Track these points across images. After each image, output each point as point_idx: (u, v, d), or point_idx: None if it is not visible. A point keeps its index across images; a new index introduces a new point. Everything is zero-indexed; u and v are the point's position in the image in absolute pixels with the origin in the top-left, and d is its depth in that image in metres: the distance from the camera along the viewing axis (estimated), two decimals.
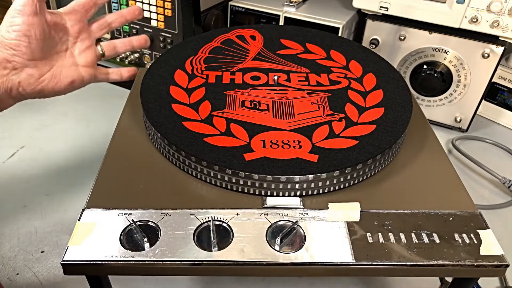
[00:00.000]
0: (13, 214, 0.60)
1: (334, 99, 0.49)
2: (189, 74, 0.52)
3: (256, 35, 0.60)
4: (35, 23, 0.45)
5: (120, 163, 0.44)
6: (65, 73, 0.50)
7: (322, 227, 0.37)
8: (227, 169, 0.39)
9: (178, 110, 0.46)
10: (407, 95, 0.50)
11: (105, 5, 0.81)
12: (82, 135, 0.76)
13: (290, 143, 0.42)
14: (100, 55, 0.54)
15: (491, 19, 0.68)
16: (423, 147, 0.47)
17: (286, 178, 0.39)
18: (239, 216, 0.38)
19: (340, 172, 0.40)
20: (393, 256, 0.35)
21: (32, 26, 0.44)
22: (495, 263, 0.35)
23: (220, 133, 0.43)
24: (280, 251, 0.35)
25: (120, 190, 0.40)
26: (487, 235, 0.37)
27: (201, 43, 0.58)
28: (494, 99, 0.83)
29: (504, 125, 0.84)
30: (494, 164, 0.70)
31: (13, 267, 0.53)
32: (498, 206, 0.65)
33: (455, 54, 0.73)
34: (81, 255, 0.34)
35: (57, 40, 0.49)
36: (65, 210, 0.61)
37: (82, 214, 0.38)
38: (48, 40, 0.47)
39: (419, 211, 0.39)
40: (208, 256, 0.35)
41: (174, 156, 0.42)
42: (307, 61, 0.56)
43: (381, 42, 0.78)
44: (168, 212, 0.38)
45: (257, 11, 0.85)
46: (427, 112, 0.80)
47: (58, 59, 0.49)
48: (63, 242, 0.56)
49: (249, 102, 0.48)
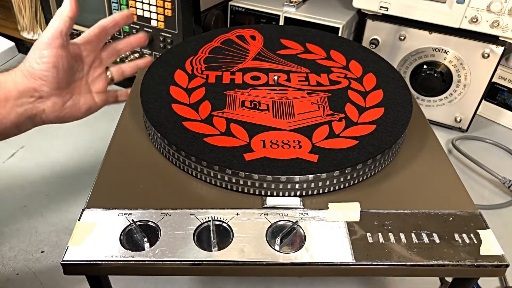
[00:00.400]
0: (13, 214, 0.60)
1: (334, 99, 0.49)
2: (189, 74, 0.52)
3: (256, 35, 0.60)
4: (62, 55, 0.47)
5: (120, 163, 0.44)
6: (83, 101, 0.53)
7: (322, 227, 0.37)
8: (227, 169, 0.39)
9: (178, 110, 0.46)
10: (407, 95, 0.49)
11: (105, 5, 0.81)
12: (82, 135, 0.76)
13: (290, 143, 0.42)
14: (110, 80, 0.56)
15: (491, 19, 0.68)
16: (423, 147, 0.47)
17: (286, 178, 0.39)
18: (239, 216, 0.38)
19: (340, 172, 0.40)
20: (393, 256, 0.35)
21: (60, 58, 0.47)
22: (495, 263, 0.35)
23: (220, 133, 0.43)
24: (280, 251, 0.35)
25: (120, 190, 0.40)
26: (487, 235, 0.37)
27: (201, 43, 0.58)
28: (494, 99, 0.83)
29: (504, 125, 0.84)
30: (494, 164, 0.70)
31: (13, 267, 0.53)
32: (498, 206, 0.65)
33: (455, 54, 0.73)
34: (81, 255, 0.34)
35: (76, 69, 0.52)
36: (65, 210, 0.61)
37: (82, 214, 0.38)
38: (71, 70, 0.50)
39: (419, 211, 0.39)
40: (208, 256, 0.35)
41: (174, 156, 0.42)
42: (307, 61, 0.56)
43: (381, 42, 0.78)
44: (168, 212, 0.38)
45: (257, 11, 0.85)
46: (427, 112, 0.80)
47: (76, 87, 0.52)
48: (63, 242, 0.56)
49: (249, 102, 0.48)
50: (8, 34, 1.00)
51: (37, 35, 1.00)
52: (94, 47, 0.54)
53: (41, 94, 0.47)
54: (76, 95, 0.52)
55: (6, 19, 1.07)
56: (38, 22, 0.99)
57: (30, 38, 1.00)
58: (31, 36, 1.00)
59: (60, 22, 0.47)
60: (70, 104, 0.51)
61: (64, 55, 0.48)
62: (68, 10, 0.47)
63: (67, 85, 0.50)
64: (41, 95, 0.47)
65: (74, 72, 0.51)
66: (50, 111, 0.49)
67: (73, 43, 0.51)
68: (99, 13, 0.83)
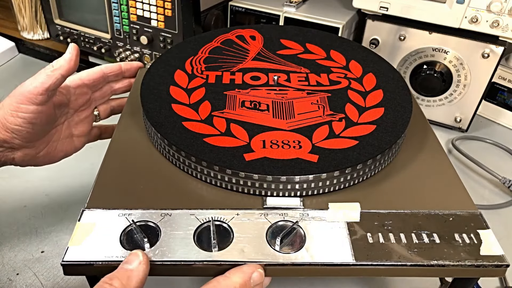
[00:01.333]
0: (13, 214, 0.60)
1: (334, 99, 0.49)
2: (189, 74, 0.52)
3: (256, 35, 0.60)
4: (42, 111, 0.42)
5: (120, 163, 0.44)
6: (59, 147, 0.47)
7: (322, 227, 0.37)
8: (227, 169, 0.39)
9: (178, 110, 0.46)
10: (407, 95, 0.49)
11: (105, 5, 0.81)
12: None
13: (290, 143, 0.42)
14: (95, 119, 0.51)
15: (491, 19, 0.68)
16: (423, 147, 0.47)
17: (286, 178, 0.39)
18: (239, 216, 0.38)
19: (340, 172, 0.40)
20: (393, 256, 0.35)
21: (40, 114, 0.42)
22: (495, 263, 0.35)
23: (220, 133, 0.43)
24: (280, 251, 0.35)
25: (120, 190, 0.40)
26: (487, 235, 0.37)
27: (201, 43, 0.58)
28: (494, 99, 0.83)
29: (504, 125, 0.84)
30: (494, 164, 0.70)
31: (13, 267, 0.53)
32: (498, 206, 0.65)
33: (455, 54, 0.73)
34: (81, 255, 0.34)
35: (58, 115, 0.46)
36: (65, 210, 0.61)
37: (82, 214, 0.38)
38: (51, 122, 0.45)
39: (419, 211, 0.39)
40: (208, 257, 0.35)
41: (174, 156, 0.42)
42: (307, 61, 0.56)
43: (381, 42, 0.78)
44: (168, 213, 0.38)
45: (257, 11, 0.85)
46: (427, 112, 0.80)
47: (54, 134, 0.47)
48: (63, 242, 0.56)
49: (249, 102, 0.48)
50: (8, 34, 1.01)
51: (37, 35, 1.00)
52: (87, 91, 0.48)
53: (12, 145, 0.43)
54: (52, 143, 0.46)
55: (6, 19, 1.07)
56: (38, 22, 0.99)
57: (30, 38, 1.00)
58: (31, 36, 1.00)
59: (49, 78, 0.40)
60: (43, 154, 0.46)
61: (45, 111, 0.42)
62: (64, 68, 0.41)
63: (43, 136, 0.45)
64: (11, 146, 0.43)
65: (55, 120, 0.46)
66: (20, 160, 0.45)
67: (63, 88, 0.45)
68: (99, 13, 0.83)
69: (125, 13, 0.80)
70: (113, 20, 0.82)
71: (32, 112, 0.41)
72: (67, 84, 0.46)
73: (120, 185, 0.41)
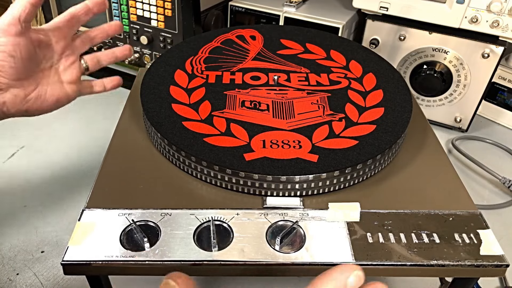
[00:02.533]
0: (13, 214, 0.60)
1: (334, 99, 0.49)
2: (189, 74, 0.52)
3: (256, 35, 0.60)
4: (20, 43, 0.44)
5: (120, 163, 0.44)
6: (50, 92, 0.49)
7: (322, 227, 0.37)
8: (227, 169, 0.39)
9: (178, 110, 0.46)
10: (407, 95, 0.50)
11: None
12: (82, 135, 0.76)
13: (290, 143, 0.42)
14: (84, 70, 0.53)
15: (491, 19, 0.68)
16: (423, 147, 0.47)
17: (286, 178, 0.39)
18: (239, 216, 0.38)
19: (340, 172, 0.40)
20: (393, 256, 0.35)
21: (18, 46, 0.44)
22: (495, 263, 0.35)
23: (220, 133, 0.43)
24: (280, 251, 0.35)
25: (120, 190, 0.40)
26: (487, 235, 0.37)
27: (201, 43, 0.58)
28: (494, 99, 0.83)
29: (504, 125, 0.84)
30: (494, 164, 0.70)
31: (13, 267, 0.53)
32: (498, 206, 0.65)
33: (455, 54, 0.73)
34: (81, 255, 0.34)
35: (42, 58, 0.48)
36: (65, 210, 0.61)
37: (82, 214, 0.38)
38: (33, 59, 0.46)
39: (419, 211, 0.39)
40: (208, 256, 0.35)
41: (174, 156, 0.42)
42: (307, 61, 0.56)
43: (381, 42, 0.78)
44: (168, 212, 0.38)
45: (257, 11, 0.85)
46: (427, 112, 0.80)
47: (43, 78, 0.48)
48: (63, 242, 0.56)
49: (249, 102, 0.48)
50: None
51: None
52: (64, 34, 0.50)
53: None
54: (42, 86, 0.48)
55: None
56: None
57: None
58: None
59: (18, 8, 0.43)
60: (34, 96, 0.47)
61: (22, 43, 0.44)
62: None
63: (30, 74, 0.47)
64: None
65: (40, 61, 0.48)
66: (11, 104, 0.45)
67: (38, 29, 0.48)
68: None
69: (125, 13, 0.80)
70: None
71: (9, 43, 0.43)
72: (43, 27, 0.48)
73: (120, 185, 0.41)
